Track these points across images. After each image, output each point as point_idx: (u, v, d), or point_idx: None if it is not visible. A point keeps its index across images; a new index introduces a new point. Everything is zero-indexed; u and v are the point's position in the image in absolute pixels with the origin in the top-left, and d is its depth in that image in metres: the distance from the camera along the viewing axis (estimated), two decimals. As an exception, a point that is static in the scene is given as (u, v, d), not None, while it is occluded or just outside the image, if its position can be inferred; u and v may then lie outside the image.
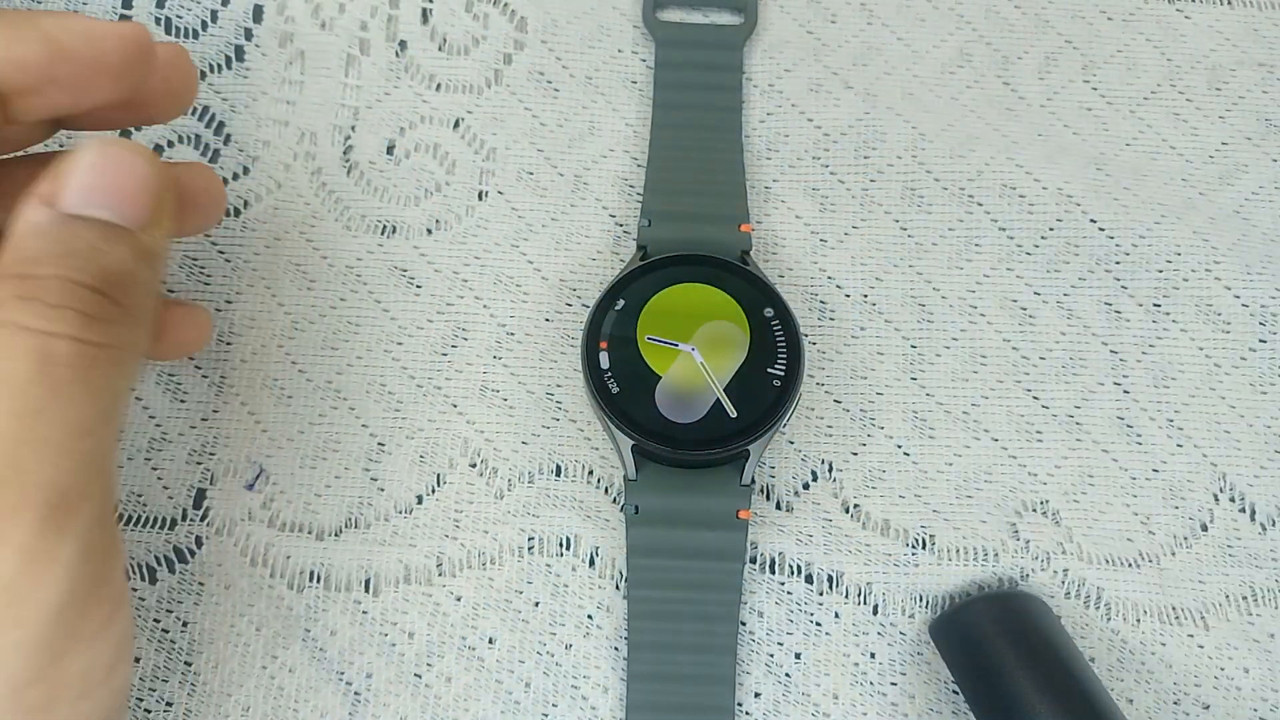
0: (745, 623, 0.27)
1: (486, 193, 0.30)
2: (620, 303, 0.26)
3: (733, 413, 0.25)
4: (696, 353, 0.26)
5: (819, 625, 0.27)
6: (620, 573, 0.27)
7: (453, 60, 0.31)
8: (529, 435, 0.28)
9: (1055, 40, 0.31)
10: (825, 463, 0.28)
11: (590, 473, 0.28)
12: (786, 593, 0.27)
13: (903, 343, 0.29)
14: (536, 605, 0.27)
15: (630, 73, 0.31)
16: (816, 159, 0.30)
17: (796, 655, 0.27)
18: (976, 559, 0.27)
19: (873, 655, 0.27)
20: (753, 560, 0.27)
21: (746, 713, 0.26)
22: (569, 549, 0.27)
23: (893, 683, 0.27)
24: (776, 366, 0.26)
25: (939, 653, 0.26)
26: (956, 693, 0.26)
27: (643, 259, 0.27)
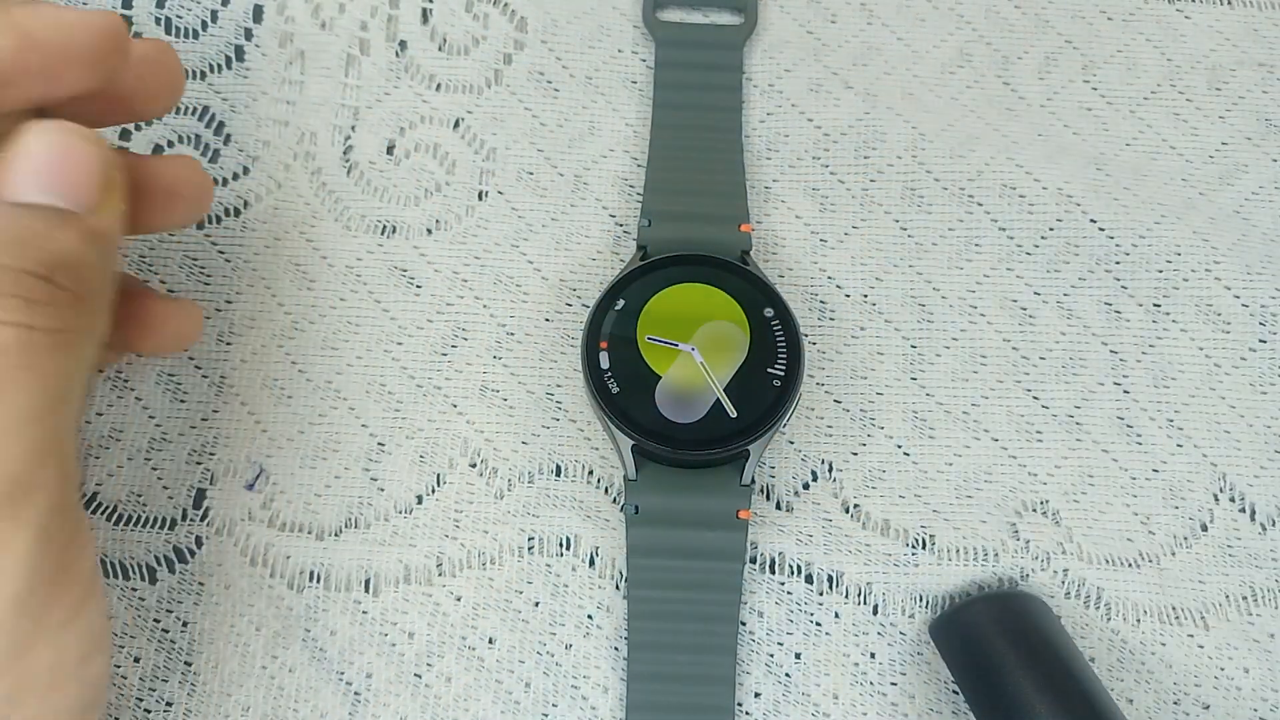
0: (745, 623, 0.27)
1: (486, 193, 0.30)
2: (620, 303, 0.26)
3: (733, 413, 0.25)
4: (696, 353, 0.26)
5: (819, 625, 0.27)
6: (620, 573, 0.27)
7: (453, 60, 0.31)
8: (529, 435, 0.28)
9: (1055, 40, 0.31)
10: (825, 463, 0.28)
11: (590, 473, 0.28)
12: (786, 593, 0.27)
13: (903, 343, 0.29)
14: (536, 605, 0.27)
15: (630, 73, 0.31)
16: (816, 159, 0.30)
17: (796, 655, 0.27)
18: (976, 559, 0.27)
19: (873, 655, 0.27)
20: (753, 560, 0.27)
21: (746, 713, 0.26)
22: (569, 549, 0.27)
23: (893, 683, 0.27)
24: (776, 366, 0.26)
25: (939, 653, 0.26)
26: (956, 693, 0.26)
27: (643, 259, 0.27)
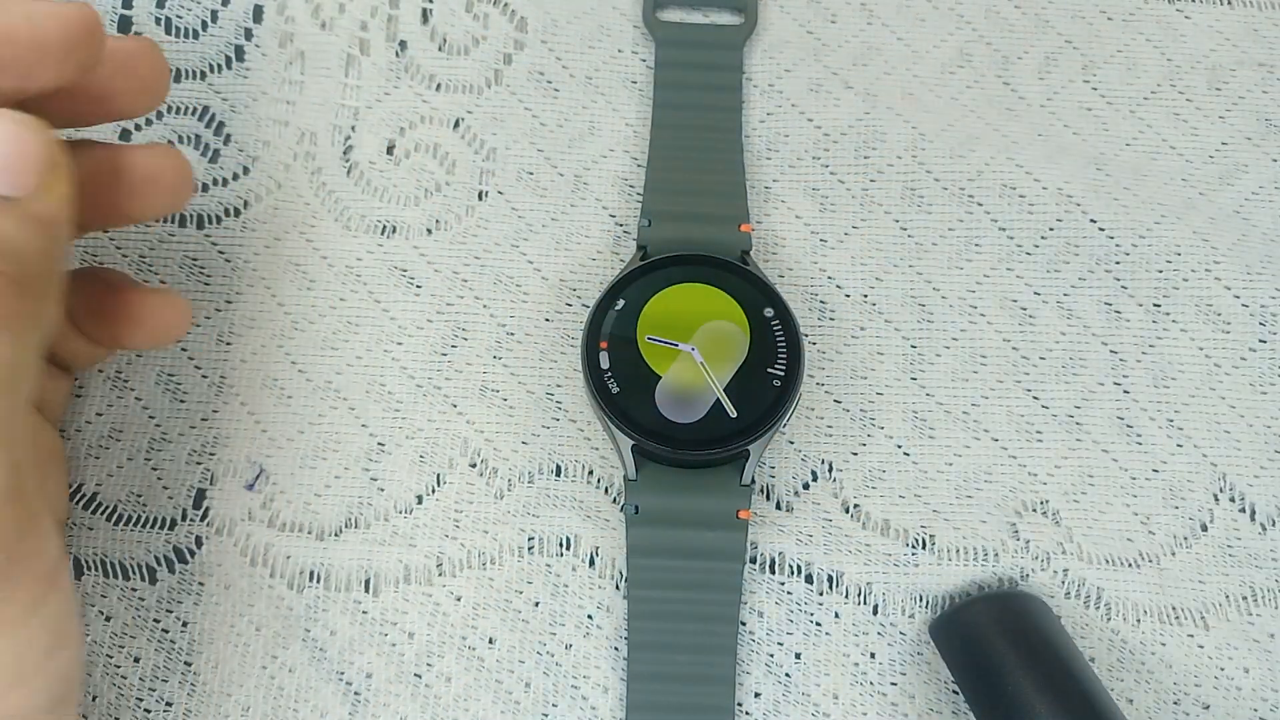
0: (745, 623, 0.27)
1: (486, 193, 0.30)
2: (620, 303, 0.26)
3: (733, 413, 0.25)
4: (696, 353, 0.26)
5: (819, 625, 0.27)
6: (620, 573, 0.27)
7: (453, 60, 0.31)
8: (529, 435, 0.28)
9: (1055, 40, 0.31)
10: (825, 463, 0.28)
11: (590, 473, 0.28)
12: (786, 593, 0.27)
13: (903, 343, 0.29)
14: (536, 605, 0.27)
15: (630, 73, 0.31)
16: (816, 159, 0.30)
17: (796, 655, 0.27)
18: (976, 559, 0.27)
19: (873, 655, 0.27)
20: (753, 560, 0.27)
21: (746, 713, 0.26)
22: (569, 549, 0.27)
23: (893, 683, 0.27)
24: (776, 366, 0.26)
25: (939, 653, 0.26)
26: (956, 693, 0.26)
27: (643, 259, 0.27)
